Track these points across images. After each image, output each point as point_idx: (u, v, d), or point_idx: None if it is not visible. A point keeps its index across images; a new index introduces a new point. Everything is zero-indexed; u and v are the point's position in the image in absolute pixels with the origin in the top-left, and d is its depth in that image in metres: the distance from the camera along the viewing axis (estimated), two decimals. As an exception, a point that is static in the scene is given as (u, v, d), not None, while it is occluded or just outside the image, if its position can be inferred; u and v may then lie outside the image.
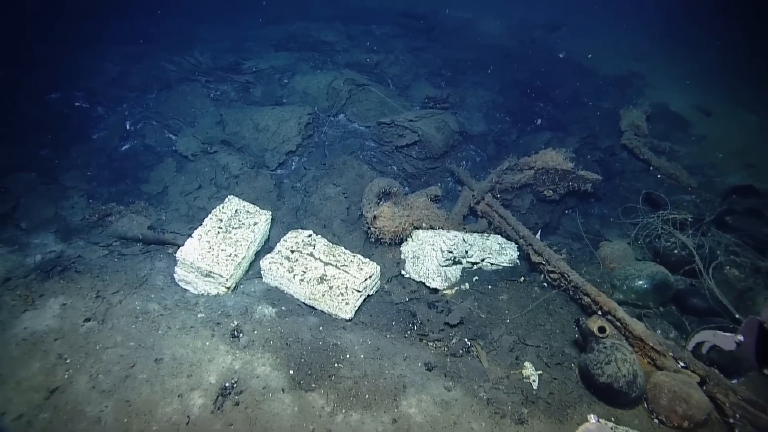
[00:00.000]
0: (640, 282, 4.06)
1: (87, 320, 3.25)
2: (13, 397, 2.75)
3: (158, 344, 3.12)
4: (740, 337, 3.18)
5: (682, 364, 3.31)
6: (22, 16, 6.82)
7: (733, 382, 3.25)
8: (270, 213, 4.31)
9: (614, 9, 11.55)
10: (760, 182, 5.51)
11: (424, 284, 4.17)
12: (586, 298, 3.82)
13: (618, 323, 3.56)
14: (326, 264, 3.88)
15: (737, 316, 3.84)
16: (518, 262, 4.46)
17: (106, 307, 3.39)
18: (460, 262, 4.30)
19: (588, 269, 4.45)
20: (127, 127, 5.87)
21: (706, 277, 4.14)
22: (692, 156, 6.29)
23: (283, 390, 2.90)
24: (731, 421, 3.02)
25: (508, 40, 9.44)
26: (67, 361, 2.96)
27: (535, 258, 4.26)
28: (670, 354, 3.35)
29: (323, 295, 3.68)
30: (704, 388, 3.16)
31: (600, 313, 3.69)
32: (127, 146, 5.69)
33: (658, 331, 3.78)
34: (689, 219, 4.70)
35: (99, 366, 2.94)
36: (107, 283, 3.66)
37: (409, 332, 3.72)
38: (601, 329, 3.37)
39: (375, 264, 3.98)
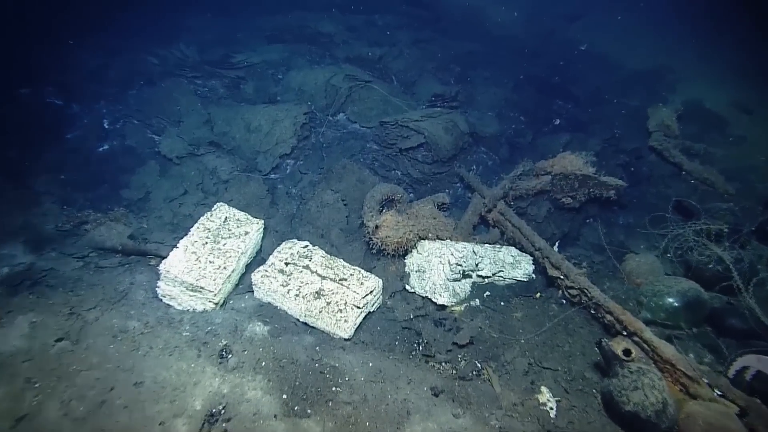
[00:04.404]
0: (670, 299, 4.07)
1: (59, 340, 3.28)
2: (-25, 426, 2.78)
3: (138, 366, 3.15)
4: None
5: (718, 392, 3.31)
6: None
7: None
8: (262, 221, 4.36)
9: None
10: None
11: (430, 300, 4.19)
12: (609, 317, 3.84)
13: (645, 345, 3.57)
14: (323, 278, 3.91)
15: (781, 338, 3.85)
16: (534, 276, 4.48)
17: (81, 325, 3.42)
18: (470, 276, 4.32)
19: (611, 285, 4.46)
20: (105, 126, 5.93)
21: (746, 295, 4.14)
22: (730, 159, 6.29)
23: (275, 417, 2.92)
24: (774, 457, 3.02)
25: (522, 31, 9.53)
26: (37, 385, 2.98)
27: (552, 272, 4.29)
28: (705, 381, 3.35)
29: (320, 312, 3.71)
30: (744, 420, 3.14)
31: (625, 333, 3.70)
32: (105, 147, 5.75)
33: (691, 355, 3.79)
34: (726, 230, 4.70)
35: (72, 391, 2.96)
36: (82, 298, 3.70)
37: (413, 353, 3.75)
38: (626, 352, 3.38)
39: (377, 278, 4.02)
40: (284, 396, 3.06)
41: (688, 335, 4.01)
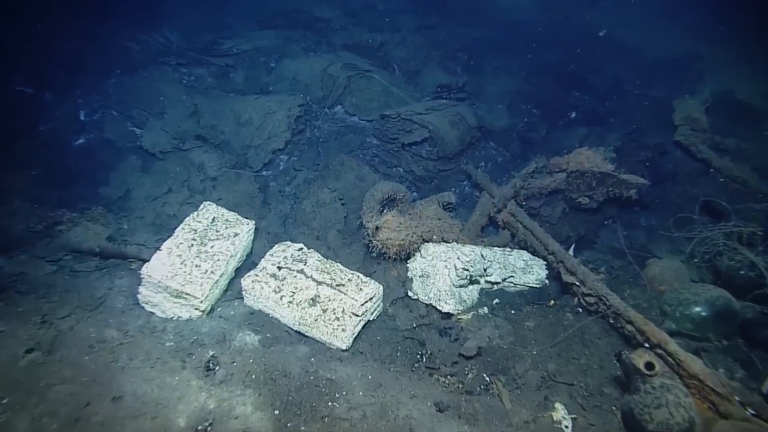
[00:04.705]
0: (698, 308, 4.05)
1: (30, 351, 3.26)
2: (-66, 448, 2.77)
3: (117, 379, 3.14)
4: None
5: (751, 411, 3.30)
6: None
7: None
8: (253, 222, 4.37)
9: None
10: None
11: (434, 308, 4.19)
12: (629, 327, 3.83)
13: (670, 359, 3.57)
14: (319, 283, 3.91)
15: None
16: (547, 282, 4.48)
17: (54, 334, 3.40)
18: (478, 282, 4.32)
19: (632, 292, 4.46)
20: (82, 117, 5.91)
21: (781, 304, 4.13)
22: (764, 155, 6.24)
23: (265, 435, 2.92)
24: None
25: (536, 16, 9.51)
26: (4, 401, 2.95)
27: (567, 278, 4.28)
28: (736, 398, 3.34)
29: (316, 320, 3.71)
30: (779, 441, 3.14)
31: (647, 345, 3.70)
32: (81, 141, 5.74)
33: (721, 370, 3.77)
34: (759, 232, 4.67)
35: (43, 407, 2.94)
36: (56, 305, 3.70)
37: (416, 365, 3.74)
38: (649, 365, 3.36)
39: (377, 283, 4.02)
40: (276, 412, 3.05)
41: (718, 348, 3.99)
